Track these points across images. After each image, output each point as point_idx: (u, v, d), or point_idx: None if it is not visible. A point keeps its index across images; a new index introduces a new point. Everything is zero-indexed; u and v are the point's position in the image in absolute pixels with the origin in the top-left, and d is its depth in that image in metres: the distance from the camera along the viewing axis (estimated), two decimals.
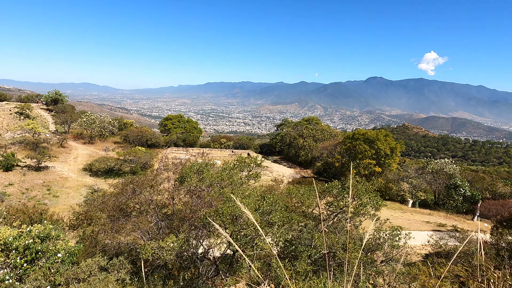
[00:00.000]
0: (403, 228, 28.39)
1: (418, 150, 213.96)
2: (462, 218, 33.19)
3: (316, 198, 12.58)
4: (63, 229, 19.16)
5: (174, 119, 62.96)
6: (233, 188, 10.74)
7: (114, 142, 55.06)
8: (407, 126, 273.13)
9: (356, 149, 37.27)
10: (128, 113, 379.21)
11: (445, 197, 35.76)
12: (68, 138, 50.52)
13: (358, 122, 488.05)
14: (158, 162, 45.57)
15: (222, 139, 62.69)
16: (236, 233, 6.93)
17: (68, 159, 43.97)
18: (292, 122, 65.10)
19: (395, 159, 37.63)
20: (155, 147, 55.05)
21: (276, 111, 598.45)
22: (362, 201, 10.31)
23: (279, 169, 49.96)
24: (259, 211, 7.09)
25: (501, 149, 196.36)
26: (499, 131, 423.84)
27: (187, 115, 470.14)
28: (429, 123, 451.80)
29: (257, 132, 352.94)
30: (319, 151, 46.85)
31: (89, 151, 48.68)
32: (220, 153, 57.81)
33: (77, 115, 56.01)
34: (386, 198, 37.80)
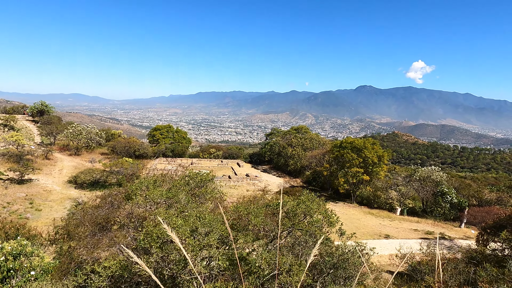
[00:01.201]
0: (391, 236, 28.46)
1: (408, 157, 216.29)
2: (449, 225, 33.31)
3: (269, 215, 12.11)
4: (41, 244, 18.58)
5: (163, 129, 62.49)
6: (179, 207, 10.14)
7: (101, 153, 54.24)
8: (397, 133, 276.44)
9: (344, 157, 37.36)
10: (118, 123, 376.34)
11: (432, 204, 35.93)
12: (53, 149, 49.59)
13: (349, 130, 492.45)
14: (146, 173, 44.95)
15: (212, 149, 62.33)
16: (165, 258, 6.53)
17: (53, 171, 43.06)
18: (282, 131, 65.23)
19: (382, 167, 37.78)
20: (143, 158, 54.40)
21: (268, 120, 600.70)
22: (313, 219, 9.82)
23: (268, 178, 49.76)
24: (197, 232, 6.71)
25: (488, 156, 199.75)
26: (487, 137, 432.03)
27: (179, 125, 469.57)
28: (419, 131, 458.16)
29: (249, 141, 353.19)
30: (307, 159, 46.86)
31: (75, 162, 47.80)
32: (209, 163, 57.44)
33: (63, 126, 55.14)
34: (375, 206, 37.86)
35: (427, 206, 37.30)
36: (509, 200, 33.75)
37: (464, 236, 30.32)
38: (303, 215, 9.41)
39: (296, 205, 9.47)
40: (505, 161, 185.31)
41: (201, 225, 6.60)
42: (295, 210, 9.40)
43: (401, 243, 27.01)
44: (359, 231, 29.82)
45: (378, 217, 34.91)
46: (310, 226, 9.24)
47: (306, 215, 9.14)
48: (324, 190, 45.18)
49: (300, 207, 9.46)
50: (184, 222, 6.75)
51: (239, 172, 50.88)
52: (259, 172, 53.78)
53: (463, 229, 32.54)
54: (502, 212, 20.50)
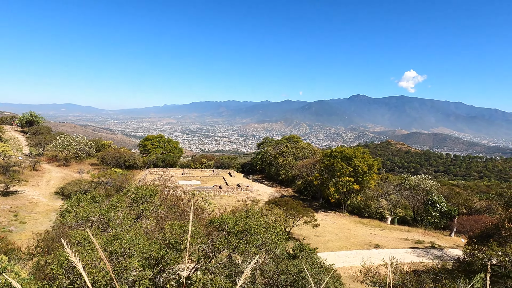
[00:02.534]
0: (381, 246, 28.22)
1: (402, 165, 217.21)
2: (440, 234, 33.22)
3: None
4: (20, 259, 18.01)
5: (154, 139, 62.05)
6: (112, 226, 9.35)
7: (91, 164, 53.55)
8: (390, 142, 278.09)
9: (334, 166, 37.26)
10: (112, 133, 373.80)
11: (423, 213, 35.85)
12: (41, 160, 48.87)
13: (343, 139, 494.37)
14: (135, 184, 44.34)
15: (203, 158, 61.94)
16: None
17: (40, 182, 42.30)
18: (273, 141, 65.15)
19: (373, 176, 37.73)
20: (134, 168, 53.82)
21: (262, 129, 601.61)
22: (256, 237, 8.93)
23: (260, 188, 49.42)
24: (115, 255, 6.25)
25: (481, 163, 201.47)
26: (479, 145, 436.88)
27: (173, 134, 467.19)
28: (412, 139, 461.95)
29: (243, 150, 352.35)
30: (298, 169, 46.68)
31: (63, 173, 47.08)
32: (200, 173, 57.00)
33: (52, 137, 54.48)
34: (366, 216, 37.67)
35: (417, 215, 37.19)
36: (498, 208, 33.74)
37: (454, 245, 30.21)
38: (243, 234, 8.60)
39: (234, 223, 8.70)
40: (497, 169, 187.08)
41: (119, 247, 6.18)
42: (234, 227, 8.63)
43: (391, 253, 26.83)
44: (349, 241, 29.60)
45: (368, 226, 34.72)
46: (251, 243, 8.36)
47: (246, 233, 8.38)
48: (316, 199, 44.95)
49: (238, 224, 8.70)
50: (105, 243, 6.25)
51: (230, 182, 50.50)
52: (250, 182, 53.44)
53: (454, 237, 32.47)
54: (489, 221, 20.44)
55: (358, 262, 24.20)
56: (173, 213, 13.46)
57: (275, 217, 26.71)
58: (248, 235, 8.40)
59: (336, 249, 27.18)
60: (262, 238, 8.81)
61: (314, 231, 30.08)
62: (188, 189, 43.55)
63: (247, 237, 8.38)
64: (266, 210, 27.63)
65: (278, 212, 26.77)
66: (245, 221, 8.83)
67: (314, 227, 27.60)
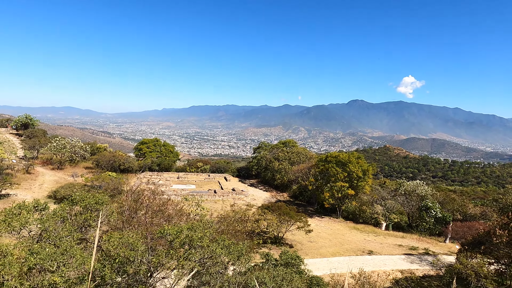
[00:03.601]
0: (375, 252, 27.95)
1: (400, 171, 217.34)
2: (434, 240, 32.96)
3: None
4: None
5: (150, 143, 61.76)
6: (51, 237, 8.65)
7: (85, 167, 53.17)
8: (389, 147, 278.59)
9: (329, 171, 37.06)
10: (110, 136, 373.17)
11: (417, 219, 35.63)
12: (36, 163, 48.47)
13: (341, 144, 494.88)
14: (129, 187, 44.04)
15: (199, 162, 61.65)
16: None
17: (33, 186, 41.91)
18: (269, 145, 64.95)
19: (367, 181, 37.51)
20: (129, 172, 53.46)
21: (261, 133, 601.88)
22: (201, 250, 8.25)
23: (255, 193, 49.13)
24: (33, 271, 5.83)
25: (478, 169, 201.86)
26: (476, 151, 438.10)
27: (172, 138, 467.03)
28: (410, 144, 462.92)
29: (241, 154, 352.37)
30: (293, 174, 46.46)
31: (57, 177, 46.69)
32: (196, 177, 56.67)
33: (47, 140, 54.14)
34: (360, 221, 37.42)
35: (412, 221, 36.98)
36: (493, 215, 33.58)
37: (448, 251, 29.93)
38: (187, 246, 8.06)
39: (175, 235, 8.01)
40: (495, 175, 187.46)
41: (39, 261, 5.81)
42: (174, 240, 7.96)
43: (384, 259, 26.59)
44: (343, 247, 29.31)
45: (363, 232, 34.45)
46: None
47: (190, 246, 7.83)
48: (311, 204, 44.69)
49: (179, 236, 8.02)
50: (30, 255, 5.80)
51: (225, 186, 50.22)
52: (246, 186, 53.17)
53: (448, 244, 32.22)
54: (481, 227, 20.26)
55: (350, 269, 23.98)
56: (159, 218, 13.19)
57: (268, 223, 26.47)
58: (191, 248, 7.88)
59: (329, 255, 26.88)
60: (207, 251, 8.15)
61: (308, 236, 29.80)
62: (182, 193, 43.27)
63: (190, 250, 7.85)
64: (259, 215, 27.39)
65: (271, 218, 26.51)
66: (187, 233, 8.19)
67: (307, 232, 27.33)
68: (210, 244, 8.10)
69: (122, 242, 7.08)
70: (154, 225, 12.29)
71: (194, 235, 7.91)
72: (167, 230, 7.74)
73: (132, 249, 7.02)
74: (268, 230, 27.41)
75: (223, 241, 8.36)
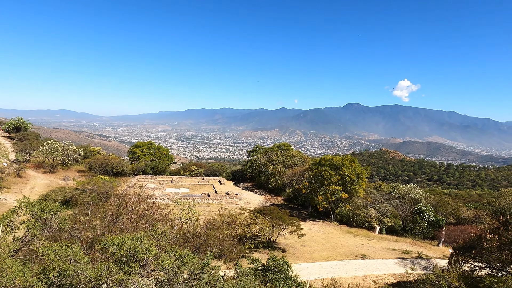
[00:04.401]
0: (368, 256, 27.76)
1: (396, 174, 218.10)
2: (428, 244, 32.83)
3: None
4: None
5: (144, 146, 61.38)
6: None
7: (78, 170, 52.67)
8: (385, 150, 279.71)
9: (322, 175, 36.88)
10: (106, 140, 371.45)
11: (411, 222, 35.52)
12: (27, 167, 47.90)
13: (338, 147, 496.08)
14: (122, 191, 43.61)
15: (193, 166, 61.30)
16: None
17: (23, 189, 41.34)
18: (264, 148, 64.74)
19: (361, 184, 37.36)
20: (122, 176, 53.03)
21: (258, 137, 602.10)
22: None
23: (249, 196, 48.85)
24: None
25: (473, 172, 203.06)
26: (472, 154, 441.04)
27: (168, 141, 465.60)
28: (406, 148, 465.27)
29: (238, 158, 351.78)
30: (287, 177, 46.26)
31: (48, 180, 46.14)
32: (190, 181, 56.31)
33: (39, 143, 53.59)
34: (354, 225, 37.24)
35: (406, 225, 36.86)
36: (486, 218, 33.55)
37: (442, 255, 29.80)
38: (134, 258, 7.30)
39: (117, 246, 7.29)
40: (490, 178, 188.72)
41: None
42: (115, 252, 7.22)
43: (377, 263, 26.40)
44: (336, 251, 29.10)
45: (356, 236, 34.27)
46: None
47: (136, 259, 7.11)
48: (305, 208, 44.47)
49: (121, 248, 7.28)
50: None
51: (219, 190, 49.89)
52: (240, 190, 52.86)
53: (441, 248, 32.10)
54: (473, 231, 20.15)
55: (342, 273, 23.76)
56: (144, 223, 12.91)
57: (260, 227, 26.20)
58: (136, 261, 7.20)
59: (322, 259, 26.64)
60: (154, 263, 7.48)
61: (300, 240, 29.55)
62: (176, 197, 42.90)
63: (131, 263, 7.13)
64: (251, 219, 27.11)
65: (263, 222, 26.25)
66: (130, 244, 7.49)
67: (299, 236, 27.08)
68: (162, 255, 7.44)
69: (59, 254, 6.62)
70: (138, 230, 12.01)
71: (138, 246, 7.29)
72: (110, 240, 7.19)
73: (75, 260, 6.58)
74: (260, 234, 27.14)
75: (175, 252, 7.68)
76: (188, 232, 12.52)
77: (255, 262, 13.49)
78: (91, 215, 14.45)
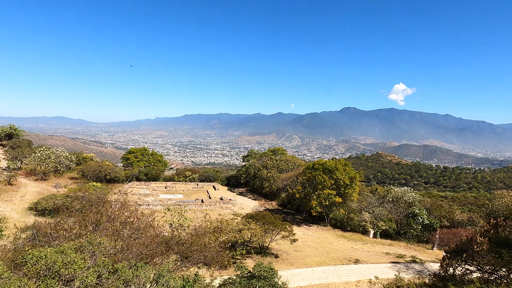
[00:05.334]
0: (361, 261, 27.49)
1: (393, 177, 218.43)
2: (422, 248, 32.62)
3: None
4: None
5: (138, 152, 60.94)
6: None
7: (70, 177, 52.11)
8: (381, 154, 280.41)
9: (316, 179, 36.68)
10: (103, 146, 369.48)
11: (405, 226, 35.32)
12: (19, 174, 47.31)
13: (334, 151, 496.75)
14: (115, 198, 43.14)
15: (187, 172, 60.89)
16: None
17: (14, 197, 40.76)
18: (258, 153, 64.52)
19: (355, 188, 37.19)
20: (115, 182, 52.57)
21: (254, 141, 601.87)
22: None
23: (243, 201, 48.51)
24: None
25: (470, 175, 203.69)
26: (468, 157, 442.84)
27: (165, 147, 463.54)
28: (402, 151, 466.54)
29: (235, 163, 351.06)
30: (282, 182, 46.01)
31: (40, 188, 45.56)
32: (184, 186, 55.90)
33: (31, 150, 53.04)
34: (348, 229, 36.98)
35: (400, 228, 36.65)
36: (480, 221, 33.43)
37: (436, 258, 29.56)
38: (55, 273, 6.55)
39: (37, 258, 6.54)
40: (486, 180, 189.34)
41: None
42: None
43: (370, 268, 26.12)
44: (329, 256, 28.80)
45: (350, 240, 34.01)
46: None
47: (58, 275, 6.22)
48: (299, 212, 44.20)
49: (40, 261, 6.57)
50: None
51: (213, 195, 49.53)
52: (234, 195, 52.51)
53: (436, 251, 31.89)
54: (464, 234, 19.98)
55: (335, 279, 23.45)
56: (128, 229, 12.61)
57: (251, 232, 25.87)
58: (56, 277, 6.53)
59: (315, 264, 26.33)
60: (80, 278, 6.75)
61: (294, 246, 29.23)
62: (169, 203, 42.48)
63: (49, 280, 6.46)
64: (242, 224, 26.79)
65: (254, 227, 25.94)
66: (52, 257, 6.84)
67: (292, 242, 26.78)
68: (93, 268, 6.76)
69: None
70: (121, 238, 11.70)
71: (59, 260, 6.66)
72: (29, 254, 6.66)
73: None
74: (252, 240, 26.81)
75: (107, 266, 7.12)
76: (171, 239, 12.22)
77: (242, 269, 13.21)
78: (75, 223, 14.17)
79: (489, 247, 15.40)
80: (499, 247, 14.91)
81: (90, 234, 11.43)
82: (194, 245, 11.93)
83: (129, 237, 12.12)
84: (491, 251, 15.41)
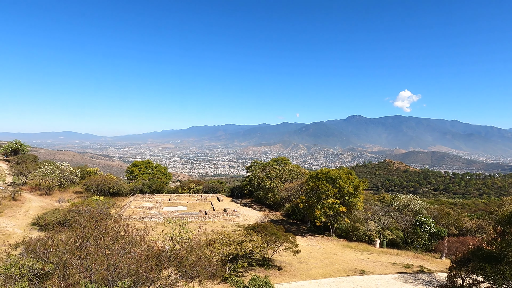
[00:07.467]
0: (367, 272, 26.70)
1: (401, 185, 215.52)
2: (430, 257, 31.69)
3: None
4: None
5: (141, 165, 61.04)
6: None
7: (75, 192, 52.25)
8: (388, 161, 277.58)
9: (319, 188, 36.14)
10: (110, 160, 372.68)
11: (412, 234, 34.42)
12: (23, 189, 47.57)
13: (341, 160, 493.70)
14: (118, 212, 42.98)
15: (191, 183, 60.66)
16: None
17: (18, 212, 40.86)
18: (262, 163, 64.12)
19: (359, 197, 36.50)
20: (119, 195, 52.53)
21: (261, 152, 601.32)
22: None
23: (247, 212, 47.96)
24: None
25: (480, 181, 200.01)
26: (477, 163, 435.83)
27: (171, 159, 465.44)
28: (410, 158, 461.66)
29: (242, 174, 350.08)
30: (285, 191, 45.44)
31: (44, 203, 45.68)
32: (188, 198, 55.59)
33: (36, 165, 53.43)
34: (354, 239, 36.19)
35: (407, 237, 35.74)
36: (489, 228, 32.39)
37: (444, 268, 28.59)
38: None
39: None
40: (496, 186, 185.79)
41: None
42: None
43: (376, 279, 25.34)
44: (334, 267, 28.09)
45: (356, 250, 33.21)
46: None
47: None
48: (304, 223, 43.48)
49: None
50: None
51: (217, 207, 49.12)
52: (238, 206, 52.01)
53: (444, 260, 30.92)
54: (471, 243, 19.28)
55: None
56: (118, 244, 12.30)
57: (253, 244, 25.35)
58: None
59: (319, 276, 25.65)
60: None
61: (297, 257, 28.60)
62: (172, 215, 42.17)
63: None
64: (244, 236, 26.29)
65: (256, 239, 25.42)
66: None
67: (295, 253, 26.18)
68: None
69: None
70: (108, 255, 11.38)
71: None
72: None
73: None
74: (254, 252, 26.27)
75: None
76: (162, 254, 11.89)
77: (237, 283, 12.81)
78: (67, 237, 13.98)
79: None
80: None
81: (75, 251, 11.19)
82: (185, 259, 11.58)
83: (118, 252, 11.82)
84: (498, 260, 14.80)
